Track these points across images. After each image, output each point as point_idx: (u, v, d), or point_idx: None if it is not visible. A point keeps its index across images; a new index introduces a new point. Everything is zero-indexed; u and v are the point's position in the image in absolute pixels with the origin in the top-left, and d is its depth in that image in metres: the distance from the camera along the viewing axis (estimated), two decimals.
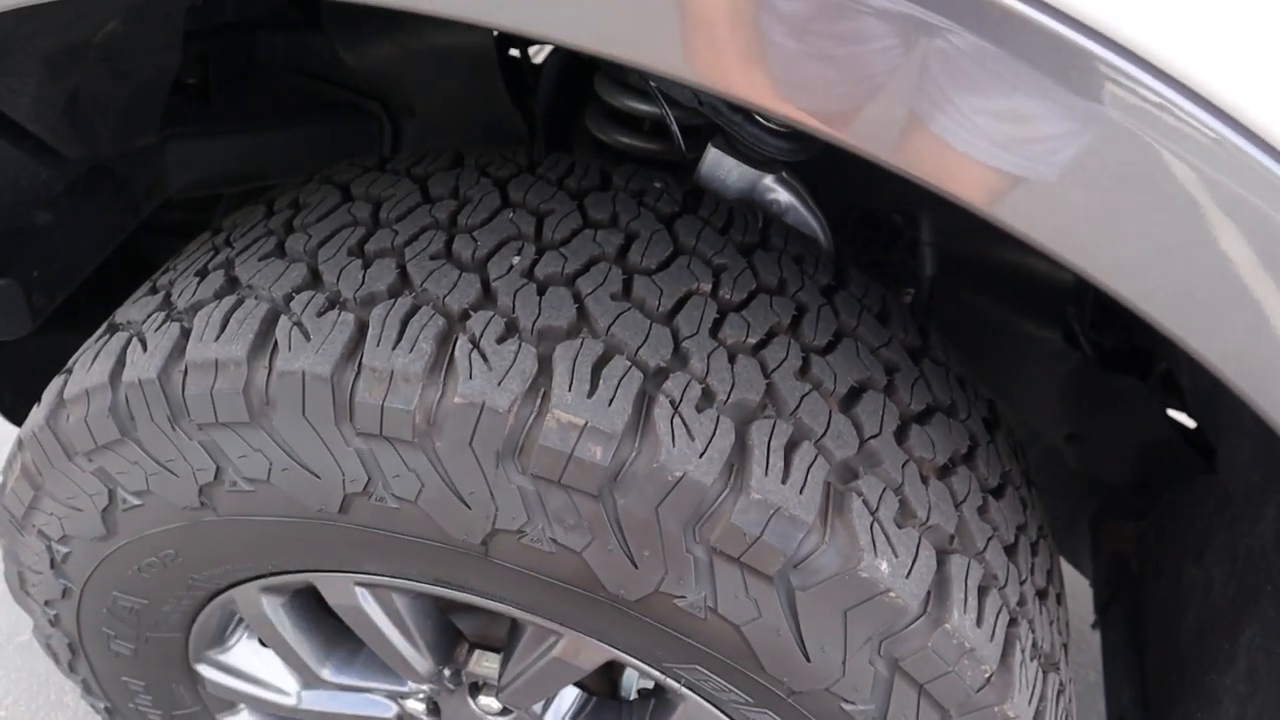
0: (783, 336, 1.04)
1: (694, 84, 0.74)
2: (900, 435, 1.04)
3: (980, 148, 0.69)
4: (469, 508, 0.94)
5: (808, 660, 0.96)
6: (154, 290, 1.15)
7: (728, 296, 1.04)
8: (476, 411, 0.91)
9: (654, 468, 0.90)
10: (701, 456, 0.91)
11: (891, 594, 0.93)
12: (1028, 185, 0.70)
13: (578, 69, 1.63)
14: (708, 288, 1.05)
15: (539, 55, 1.87)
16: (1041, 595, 1.14)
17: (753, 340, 1.01)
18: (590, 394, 0.91)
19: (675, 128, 1.30)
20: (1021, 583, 1.09)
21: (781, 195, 1.29)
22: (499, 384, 0.91)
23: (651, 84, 1.26)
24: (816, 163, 1.35)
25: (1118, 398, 1.76)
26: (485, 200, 1.10)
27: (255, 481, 0.99)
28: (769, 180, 1.27)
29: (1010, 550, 1.09)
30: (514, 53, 1.81)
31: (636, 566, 0.93)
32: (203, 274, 1.10)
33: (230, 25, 1.68)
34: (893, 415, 1.05)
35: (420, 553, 1.01)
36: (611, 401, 0.91)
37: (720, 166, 1.27)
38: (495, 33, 1.67)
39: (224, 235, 1.18)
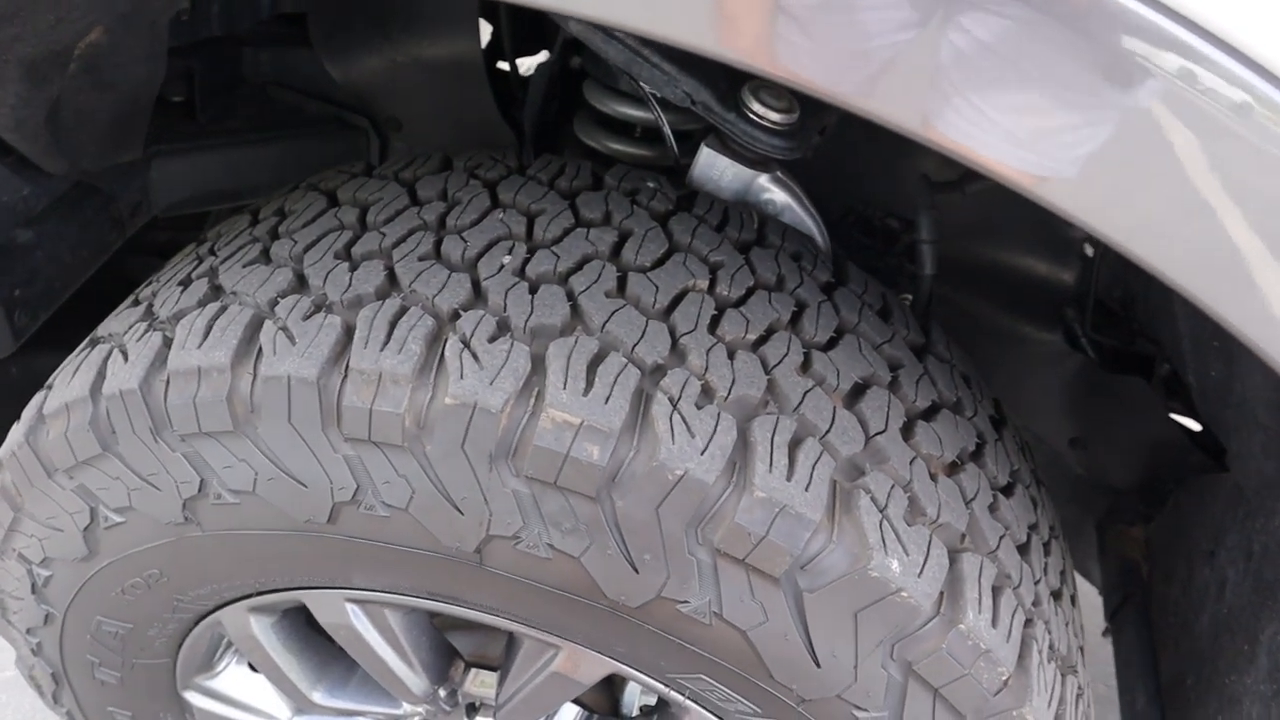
0: (783, 332, 1.01)
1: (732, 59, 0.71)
2: (907, 432, 1.01)
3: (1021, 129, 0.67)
4: (462, 514, 0.90)
5: (818, 666, 0.92)
6: (136, 302, 1.12)
7: (725, 293, 1.02)
8: (468, 412, 0.88)
9: (653, 466, 0.87)
10: (703, 454, 0.88)
11: (903, 594, 0.90)
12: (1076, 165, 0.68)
13: (566, 79, 1.61)
14: (704, 284, 1.02)
15: (527, 67, 1.85)
16: (1056, 596, 1.10)
17: (752, 336, 0.98)
18: (586, 392, 0.88)
19: (668, 130, 1.27)
20: (1036, 582, 1.06)
21: (777, 195, 1.26)
22: (491, 383, 0.88)
23: (644, 88, 1.24)
24: (811, 167, 1.33)
25: (1122, 400, 1.74)
26: (475, 201, 1.07)
27: (240, 493, 0.95)
28: (764, 180, 1.25)
29: (1023, 549, 1.06)
30: (502, 65, 1.79)
31: (637, 571, 0.90)
32: (186, 283, 1.07)
33: (216, 41, 1.66)
34: (898, 412, 1.02)
35: (413, 564, 0.97)
36: (608, 399, 0.88)
37: (714, 167, 1.24)
38: (483, 45, 1.66)
39: (208, 245, 1.15)
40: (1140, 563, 1.72)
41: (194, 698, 1.27)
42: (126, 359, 1.00)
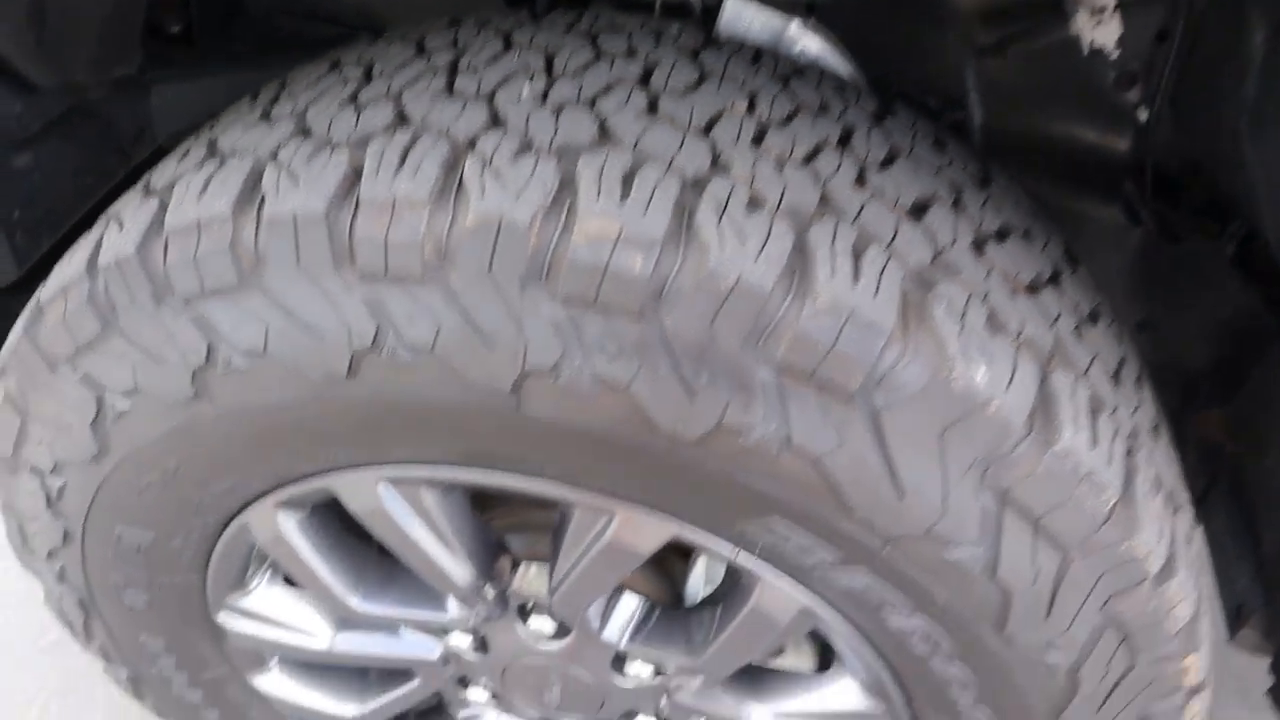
0: (833, 150, 0.91)
1: None
2: (978, 249, 0.91)
3: None
4: (494, 348, 0.82)
5: (902, 497, 0.82)
6: (135, 186, 1.05)
7: (766, 115, 0.92)
8: (493, 232, 0.79)
9: (703, 276, 0.78)
10: (756, 260, 0.78)
11: (992, 406, 0.80)
12: None
13: None
14: (743, 106, 0.93)
15: None
16: (1155, 431, 1.00)
17: (800, 153, 0.89)
18: (623, 201, 0.79)
19: None
20: (1133, 413, 0.95)
21: (810, 43, 1.17)
22: (517, 198, 0.79)
23: None
24: (846, 40, 1.23)
25: (1190, 274, 1.62)
26: (488, 46, 0.99)
27: (251, 355, 0.87)
28: (794, 28, 1.16)
29: (1115, 378, 0.96)
30: None
31: (694, 395, 0.80)
32: (183, 155, 0.99)
33: None
34: (966, 230, 0.92)
35: (445, 423, 0.88)
36: (648, 207, 0.79)
37: (741, 18, 1.16)
38: None
39: (208, 125, 1.08)
40: (1226, 442, 1.60)
41: (229, 619, 1.19)
42: (122, 228, 0.92)
